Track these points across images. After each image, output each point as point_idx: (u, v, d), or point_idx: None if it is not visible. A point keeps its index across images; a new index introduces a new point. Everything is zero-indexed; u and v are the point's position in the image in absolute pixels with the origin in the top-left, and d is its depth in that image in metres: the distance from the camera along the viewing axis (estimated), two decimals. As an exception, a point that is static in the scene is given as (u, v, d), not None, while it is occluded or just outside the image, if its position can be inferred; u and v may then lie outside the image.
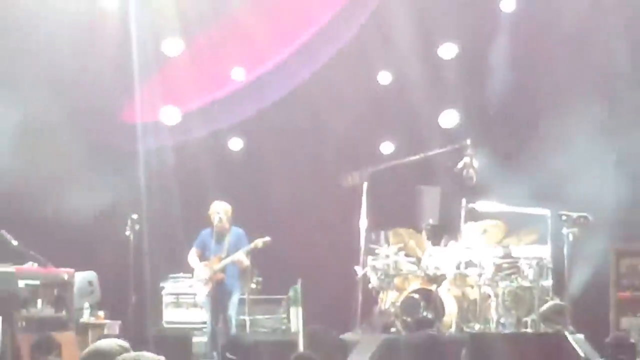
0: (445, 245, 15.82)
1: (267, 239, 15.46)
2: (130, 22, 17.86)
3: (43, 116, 17.38)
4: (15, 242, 15.73)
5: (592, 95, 17.36)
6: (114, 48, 17.74)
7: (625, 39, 17.46)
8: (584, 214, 15.37)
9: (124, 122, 18.49)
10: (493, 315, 15.29)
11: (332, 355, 13.01)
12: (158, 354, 5.34)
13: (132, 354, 5.27)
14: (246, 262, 15.54)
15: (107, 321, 16.23)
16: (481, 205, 15.76)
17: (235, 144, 19.13)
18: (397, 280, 15.64)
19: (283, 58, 18.26)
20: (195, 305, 16.47)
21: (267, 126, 18.60)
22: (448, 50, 18.49)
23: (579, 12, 17.39)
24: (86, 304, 16.28)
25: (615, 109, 17.31)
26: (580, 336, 14.64)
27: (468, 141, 16.06)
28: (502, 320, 15.27)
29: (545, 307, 15.26)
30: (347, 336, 14.85)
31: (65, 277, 15.57)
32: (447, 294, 15.31)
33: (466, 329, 14.91)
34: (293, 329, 16.71)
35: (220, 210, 15.63)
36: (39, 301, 15.41)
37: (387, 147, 18.39)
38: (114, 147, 18.19)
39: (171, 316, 16.89)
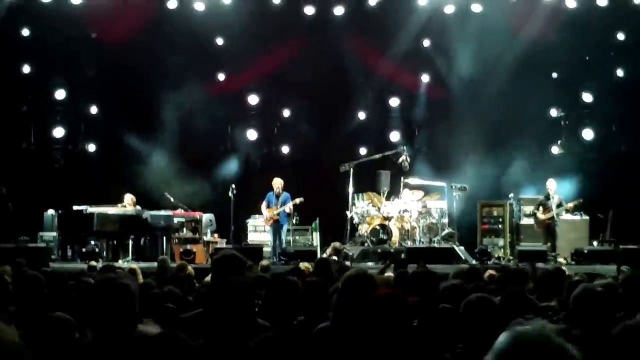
0: (393, 201, 15.27)
1: (302, 199, 14.80)
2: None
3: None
4: (172, 199, 15.50)
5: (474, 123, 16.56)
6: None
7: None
8: (464, 185, 15.11)
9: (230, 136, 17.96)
10: (417, 237, 14.92)
11: (345, 257, 12.54)
12: (247, 257, 4.58)
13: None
14: (290, 210, 14.89)
15: (219, 239, 15.67)
16: (411, 180, 15.32)
17: (285, 150, 18.10)
18: (367, 219, 15.15)
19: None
20: (264, 231, 15.67)
21: (302, 141, 17.64)
22: (394, 101, 17.71)
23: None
24: (208, 230, 15.80)
25: (487, 129, 16.26)
26: (462, 248, 14.35)
27: (404, 147, 15.66)
28: (422, 239, 14.89)
29: (443, 233, 14.93)
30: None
31: (198, 216, 15.50)
32: (394, 226, 14.83)
33: (404, 245, 14.41)
34: (314, 244, 15.94)
35: (278, 182, 14.98)
36: (184, 229, 15.27)
37: (362, 150, 17.41)
38: (222, 151, 17.65)
39: (252, 237, 16.08)
